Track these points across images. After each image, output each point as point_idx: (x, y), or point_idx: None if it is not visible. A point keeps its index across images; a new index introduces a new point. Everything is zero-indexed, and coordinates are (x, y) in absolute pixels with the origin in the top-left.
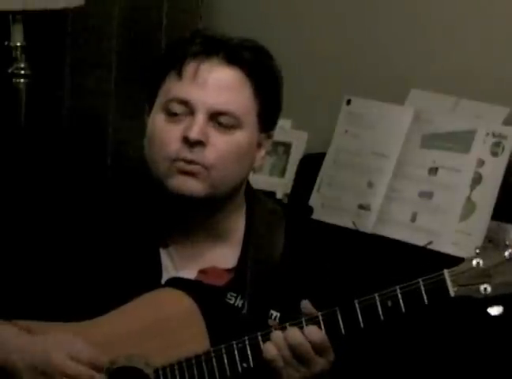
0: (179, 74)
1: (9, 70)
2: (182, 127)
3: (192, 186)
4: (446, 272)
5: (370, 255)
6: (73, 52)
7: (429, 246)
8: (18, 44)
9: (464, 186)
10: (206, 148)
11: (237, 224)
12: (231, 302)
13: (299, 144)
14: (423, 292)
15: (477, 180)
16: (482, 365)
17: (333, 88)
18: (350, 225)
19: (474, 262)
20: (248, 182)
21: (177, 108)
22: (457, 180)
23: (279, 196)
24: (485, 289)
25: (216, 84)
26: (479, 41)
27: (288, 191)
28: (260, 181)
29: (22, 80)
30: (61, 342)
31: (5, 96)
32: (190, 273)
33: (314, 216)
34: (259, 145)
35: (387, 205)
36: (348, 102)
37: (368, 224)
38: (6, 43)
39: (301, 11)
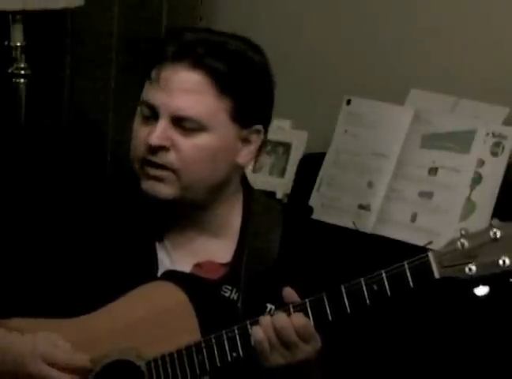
0: (149, 78)
1: (9, 70)
2: (148, 130)
3: (160, 190)
4: (430, 253)
5: (370, 255)
6: (73, 52)
7: (429, 246)
8: (18, 44)
9: (464, 186)
10: (170, 152)
11: (232, 220)
12: (227, 294)
13: (299, 144)
14: (408, 275)
15: (477, 180)
16: (469, 345)
17: (333, 88)
18: (350, 225)
19: (458, 243)
20: (246, 179)
21: (146, 111)
22: (457, 180)
23: (279, 196)
24: (470, 269)
25: (179, 88)
26: (479, 41)
27: (288, 191)
28: (260, 181)
29: (22, 80)
30: (36, 348)
31: (5, 96)
32: (185, 267)
33: (314, 216)
34: (246, 141)
35: (387, 205)
36: (348, 102)
37: (368, 224)
38: (6, 43)
39: (301, 11)
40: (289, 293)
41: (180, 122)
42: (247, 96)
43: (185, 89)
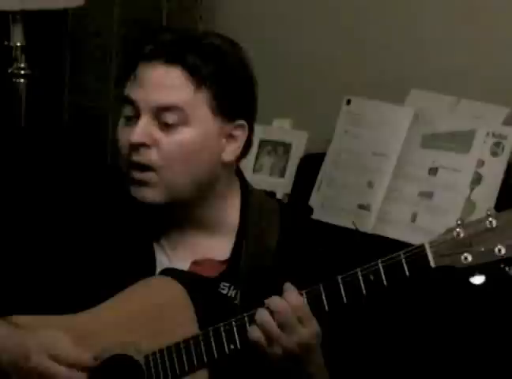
0: (125, 78)
1: (9, 70)
2: (132, 130)
3: (148, 195)
4: (426, 242)
5: (370, 255)
6: (73, 52)
7: None
8: (18, 44)
9: (464, 186)
10: (151, 150)
11: (230, 217)
12: (225, 291)
13: (299, 144)
14: (404, 264)
15: (477, 180)
16: (465, 334)
17: (333, 88)
18: (350, 225)
19: (454, 232)
20: (243, 178)
21: (127, 111)
22: (457, 180)
23: (279, 196)
24: (466, 258)
25: (157, 82)
26: (479, 41)
27: (288, 191)
28: (260, 181)
29: (22, 80)
30: (41, 342)
31: (5, 96)
32: (183, 265)
33: (314, 216)
34: (230, 137)
35: (387, 205)
36: (348, 102)
37: (368, 224)
38: (6, 43)
39: (301, 11)
40: (289, 288)
41: (162, 115)
42: (226, 88)
43: (163, 84)
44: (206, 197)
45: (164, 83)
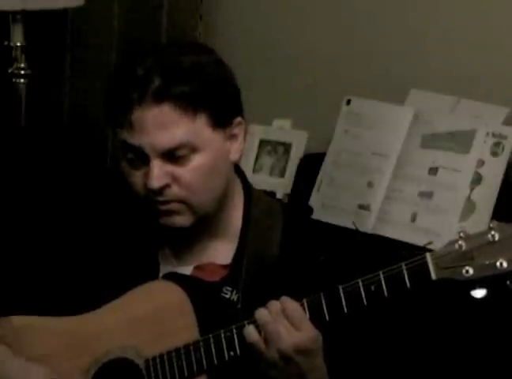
0: (120, 126)
1: (9, 70)
2: (142, 173)
3: (178, 221)
4: (428, 254)
5: (370, 255)
6: (73, 52)
7: (429, 246)
8: (18, 44)
9: (464, 186)
10: (173, 187)
11: (233, 220)
12: (227, 296)
13: (299, 144)
14: (406, 276)
15: (477, 180)
16: (465, 347)
17: (333, 88)
18: (350, 225)
19: (456, 245)
20: (246, 180)
21: (132, 156)
22: (457, 180)
23: (279, 196)
24: (467, 271)
25: (155, 124)
26: (479, 41)
27: (288, 191)
28: (260, 181)
29: (22, 80)
30: None
31: (5, 96)
32: (186, 269)
33: (314, 216)
34: (232, 137)
35: (387, 205)
36: (348, 102)
37: (368, 224)
38: (6, 43)
39: (301, 11)
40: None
41: (172, 154)
42: (218, 102)
43: (160, 124)
44: (219, 205)
45: (162, 123)
